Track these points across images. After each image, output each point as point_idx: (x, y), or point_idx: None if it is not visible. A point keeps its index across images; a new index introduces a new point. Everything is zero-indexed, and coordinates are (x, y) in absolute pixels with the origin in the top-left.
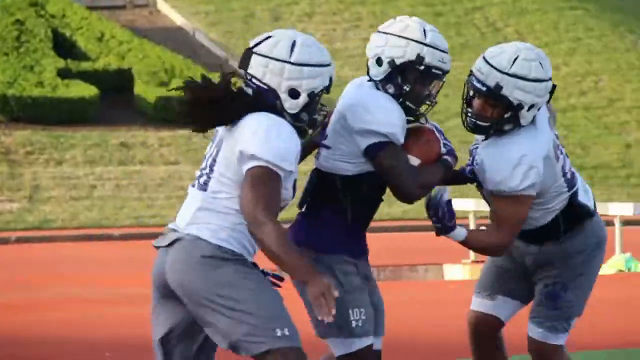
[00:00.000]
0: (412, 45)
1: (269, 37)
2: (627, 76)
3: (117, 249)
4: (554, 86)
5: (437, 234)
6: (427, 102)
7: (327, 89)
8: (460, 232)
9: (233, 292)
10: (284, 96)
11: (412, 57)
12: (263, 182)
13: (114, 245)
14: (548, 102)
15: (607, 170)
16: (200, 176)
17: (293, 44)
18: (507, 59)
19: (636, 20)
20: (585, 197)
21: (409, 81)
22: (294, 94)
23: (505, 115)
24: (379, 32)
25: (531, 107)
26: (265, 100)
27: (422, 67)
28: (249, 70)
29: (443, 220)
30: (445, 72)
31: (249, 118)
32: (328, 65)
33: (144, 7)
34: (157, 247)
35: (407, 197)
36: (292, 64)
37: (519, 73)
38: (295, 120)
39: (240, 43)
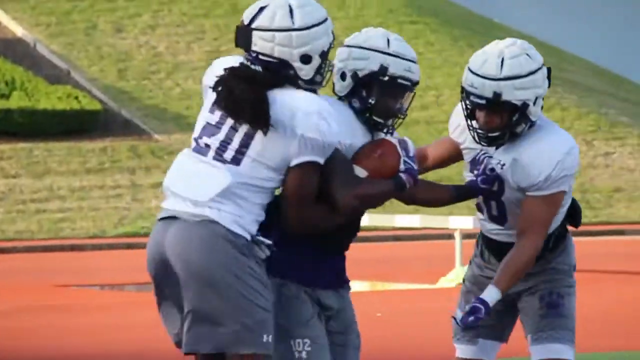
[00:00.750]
0: (374, 55)
1: (262, 8)
2: None
3: None
4: (549, 69)
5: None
6: (399, 115)
7: (332, 43)
8: (493, 293)
9: (236, 282)
10: (297, 65)
11: (375, 67)
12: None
13: None
14: (549, 85)
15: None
16: (222, 149)
17: (290, 9)
18: (494, 65)
19: (475, 35)
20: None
21: (375, 94)
22: (306, 59)
23: (514, 118)
24: (343, 45)
25: (536, 100)
26: (279, 73)
27: (386, 78)
28: (253, 48)
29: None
30: (414, 83)
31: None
32: (327, 19)
33: None
34: (161, 219)
35: (340, 207)
36: (299, 29)
37: (511, 74)
38: (310, 84)
39: (82, 55)
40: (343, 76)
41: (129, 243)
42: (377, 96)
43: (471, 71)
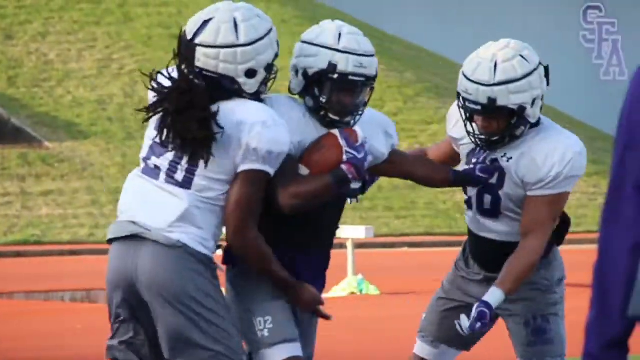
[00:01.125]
0: (322, 52)
1: (205, 22)
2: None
3: None
4: (546, 68)
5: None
6: (356, 112)
7: (277, 54)
8: (497, 295)
9: (216, 306)
10: (242, 80)
11: (324, 65)
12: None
13: None
14: (548, 84)
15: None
16: (172, 170)
17: (235, 23)
18: (487, 70)
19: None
20: None
21: (326, 92)
22: (251, 74)
23: (512, 122)
24: (300, 41)
25: (534, 102)
26: (223, 88)
27: (336, 76)
28: (197, 64)
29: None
30: (369, 78)
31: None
32: (272, 29)
33: None
34: (112, 241)
35: (281, 208)
36: (244, 45)
37: (505, 78)
38: (254, 96)
39: None
40: (297, 73)
41: (19, 251)
42: (329, 94)
43: (465, 76)
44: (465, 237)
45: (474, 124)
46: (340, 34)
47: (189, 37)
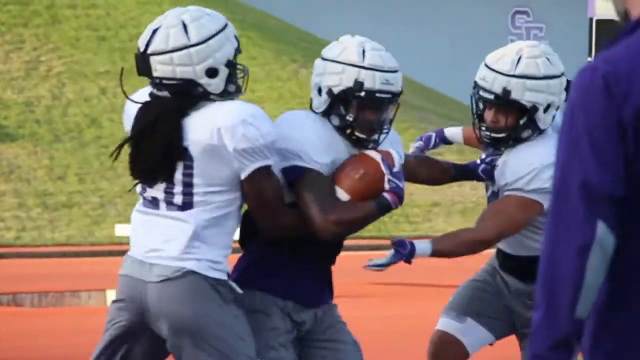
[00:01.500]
0: (348, 70)
1: (154, 31)
2: (290, 104)
3: None
4: (568, 82)
5: (406, 261)
6: (383, 129)
7: (238, 49)
8: (427, 247)
9: (223, 331)
10: (204, 81)
11: (350, 83)
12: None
13: None
14: (566, 99)
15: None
16: (170, 196)
17: (184, 25)
18: (510, 61)
19: (298, 49)
20: None
21: (353, 110)
22: (212, 73)
23: (521, 122)
24: (321, 58)
25: (547, 107)
26: (189, 94)
27: (362, 94)
28: (155, 74)
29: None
30: (395, 94)
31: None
32: (226, 25)
33: None
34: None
35: (318, 233)
36: (196, 44)
37: (525, 73)
38: (224, 95)
39: None
40: (319, 91)
41: None
42: (356, 112)
43: (486, 65)
44: None
45: (482, 124)
46: (363, 50)
47: (141, 49)
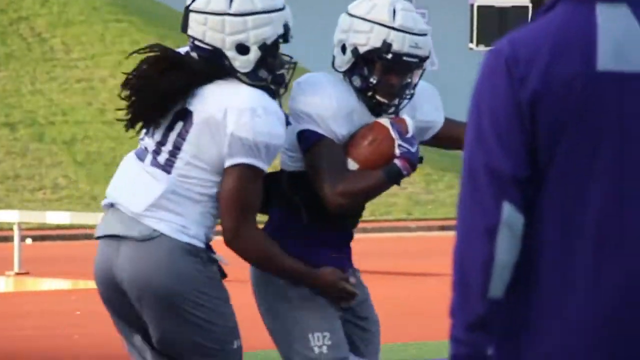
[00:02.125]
0: (376, 29)
1: None
2: None
3: None
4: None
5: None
6: (405, 95)
7: (283, 38)
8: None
9: (202, 298)
10: (231, 54)
11: (378, 44)
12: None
13: None
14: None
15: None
16: (157, 152)
17: None
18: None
19: (182, 34)
20: None
21: (377, 72)
22: (242, 49)
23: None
24: (346, 13)
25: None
26: (212, 63)
27: (390, 56)
28: (189, 32)
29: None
30: (422, 59)
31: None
32: (279, 9)
33: None
34: (99, 238)
35: (328, 205)
36: (233, 15)
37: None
38: (253, 79)
39: None
40: (343, 49)
41: None
42: (380, 75)
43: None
44: None
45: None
46: (394, 10)
47: (187, 3)
